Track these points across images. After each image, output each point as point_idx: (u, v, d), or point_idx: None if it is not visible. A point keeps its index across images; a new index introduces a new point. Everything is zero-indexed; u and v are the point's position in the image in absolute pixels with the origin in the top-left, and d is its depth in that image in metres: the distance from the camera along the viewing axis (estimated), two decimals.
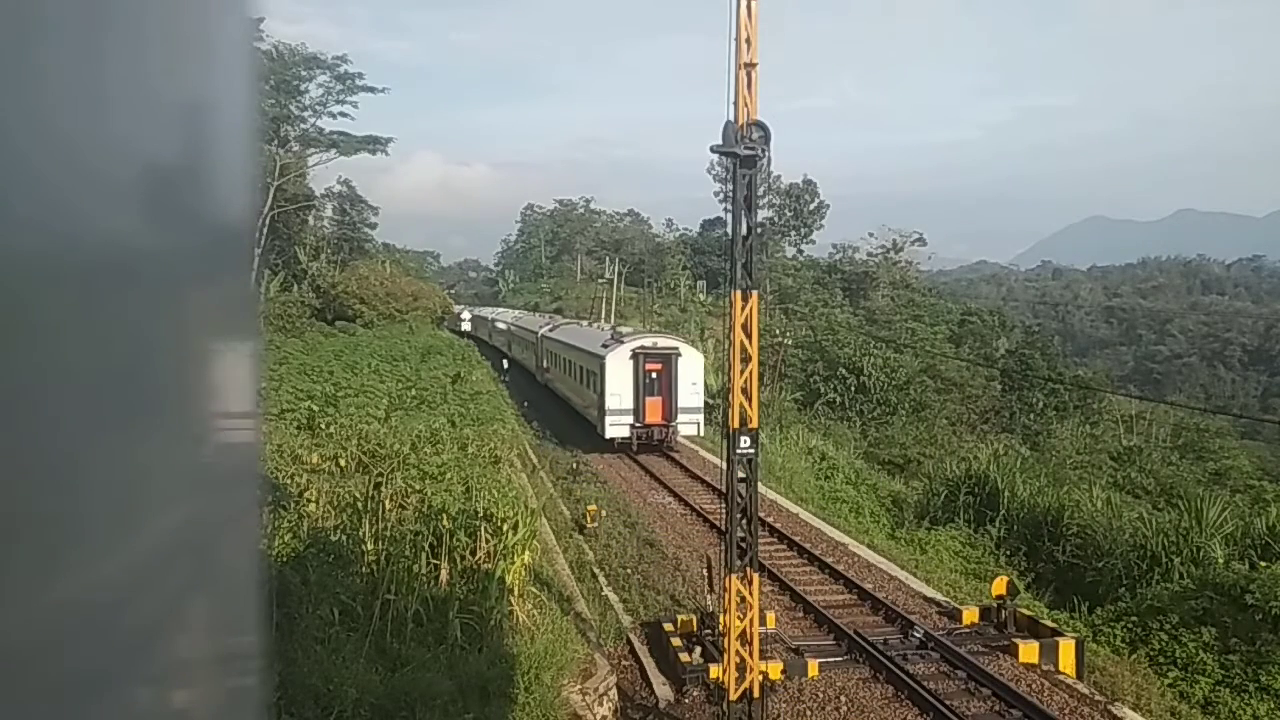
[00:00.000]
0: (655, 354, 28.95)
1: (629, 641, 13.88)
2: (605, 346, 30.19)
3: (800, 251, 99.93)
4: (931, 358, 49.66)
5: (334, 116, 55.32)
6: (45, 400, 0.74)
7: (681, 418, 28.25)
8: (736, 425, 10.54)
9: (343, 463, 15.81)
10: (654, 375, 28.54)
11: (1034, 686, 12.26)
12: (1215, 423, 48.29)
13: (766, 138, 9.95)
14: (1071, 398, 52.72)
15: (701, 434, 29.32)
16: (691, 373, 28.94)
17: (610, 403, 28.40)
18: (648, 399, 28.37)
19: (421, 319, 66.05)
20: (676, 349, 29.50)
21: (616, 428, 28.32)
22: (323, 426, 20.31)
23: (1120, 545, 19.89)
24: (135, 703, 0.94)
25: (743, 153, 9.94)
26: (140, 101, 0.92)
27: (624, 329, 36.79)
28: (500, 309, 77.50)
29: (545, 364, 40.40)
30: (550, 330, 42.00)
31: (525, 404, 37.65)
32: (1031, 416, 51.19)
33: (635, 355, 28.77)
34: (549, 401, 38.39)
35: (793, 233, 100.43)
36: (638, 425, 28.21)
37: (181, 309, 1.05)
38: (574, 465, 26.92)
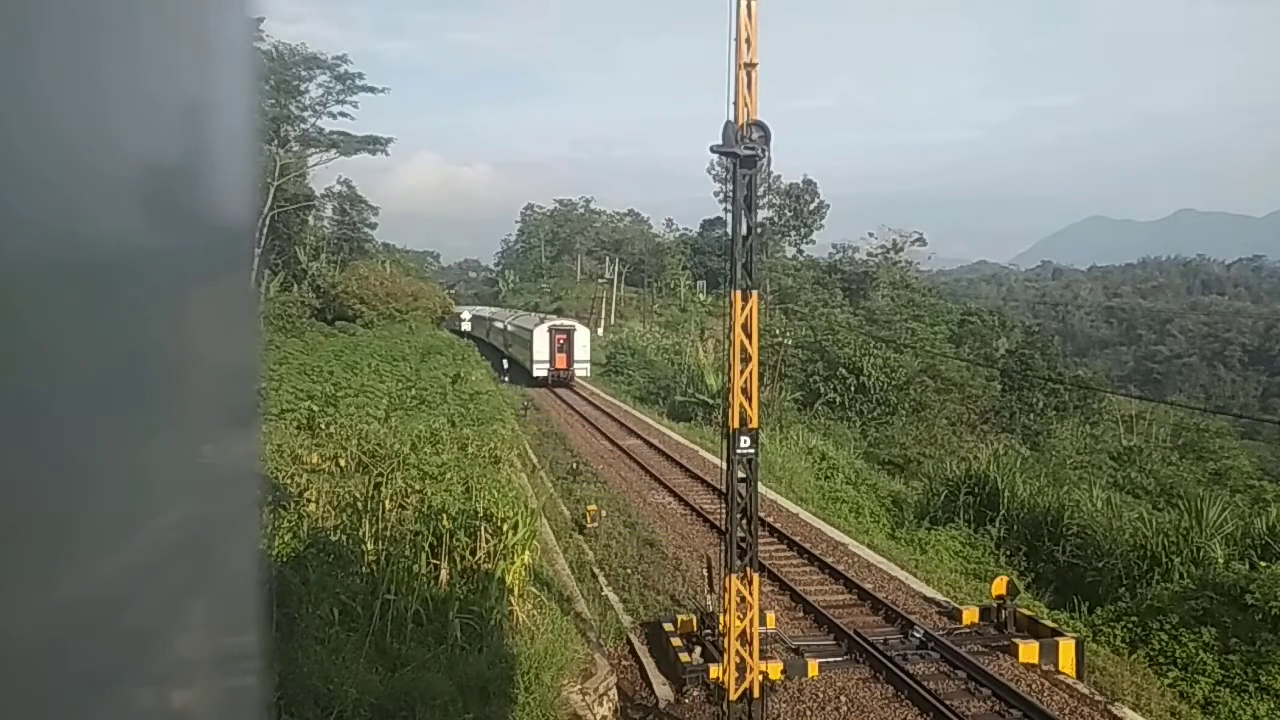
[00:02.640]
0: (562, 329, 49.85)
1: (629, 641, 13.88)
2: (535, 326, 50.84)
3: (800, 251, 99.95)
4: (931, 358, 49.60)
5: (334, 116, 55.40)
6: (44, 400, 0.74)
7: (577, 365, 48.77)
8: (736, 425, 10.54)
9: (343, 463, 15.80)
10: (561, 341, 48.65)
11: (1034, 686, 12.26)
12: (1215, 423, 48.24)
13: (766, 138, 9.95)
14: (1071, 398, 52.68)
15: (589, 375, 50.30)
16: (583, 339, 49.81)
17: (537, 356, 48.25)
18: (558, 354, 48.30)
19: (421, 319, 66.01)
20: (574, 326, 51.01)
21: (540, 371, 47.92)
22: (323, 426, 20.30)
23: (1120, 545, 19.87)
24: (135, 703, 0.94)
25: (743, 153, 9.94)
26: (139, 101, 0.92)
27: (550, 317, 58.27)
28: (492, 308, 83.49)
29: (507, 341, 58.27)
30: (511, 319, 61.79)
31: (491, 364, 53.07)
32: (1031, 416, 51.15)
33: (550, 330, 49.38)
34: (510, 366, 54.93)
35: (793, 233, 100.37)
36: (552, 369, 48.00)
37: (181, 309, 1.05)
38: (574, 465, 26.93)
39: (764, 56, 9.77)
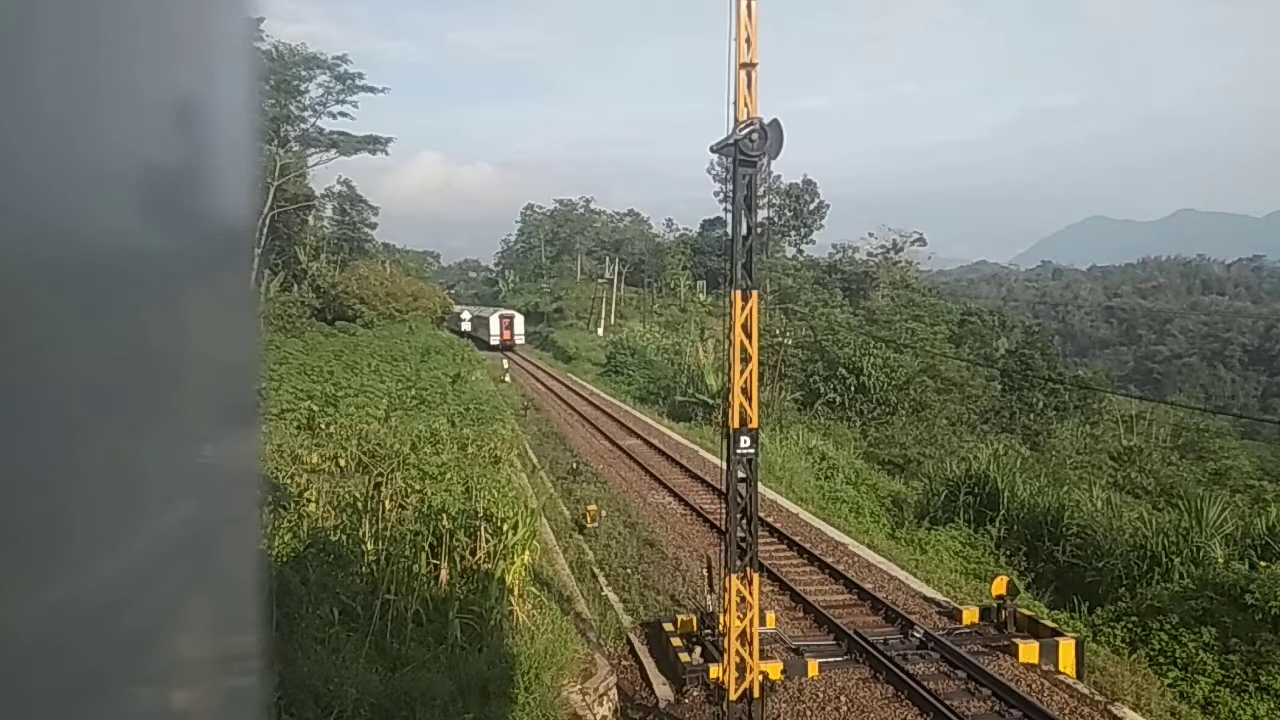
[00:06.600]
0: (506, 316, 77.92)
1: (629, 641, 13.88)
2: (490, 314, 79.13)
3: (800, 251, 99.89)
4: (931, 358, 49.53)
5: (334, 116, 55.36)
6: (44, 401, 0.74)
7: (517, 338, 75.96)
8: (736, 425, 10.53)
9: (343, 463, 15.82)
10: (506, 323, 76.42)
11: (1034, 686, 12.26)
12: (1215, 423, 48.26)
13: (765, 137, 9.95)
14: (1071, 398, 52.65)
15: (524, 344, 77.59)
16: (519, 321, 78.48)
17: (492, 331, 75.15)
18: (505, 331, 75.47)
19: (421, 319, 66.22)
20: (514, 314, 79.53)
21: (494, 341, 73.04)
22: (323, 426, 20.32)
23: (1120, 545, 19.86)
24: (135, 703, 0.94)
25: (750, 152, 9.93)
26: (139, 102, 0.92)
27: (500, 308, 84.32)
28: (483, 308, 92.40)
29: (476, 326, 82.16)
30: (479, 311, 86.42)
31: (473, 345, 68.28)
32: (1031, 416, 51.10)
33: (500, 316, 77.62)
34: (480, 342, 73.79)
35: (793, 233, 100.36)
36: (501, 340, 73.38)
37: (181, 309, 1.05)
38: (574, 465, 26.94)
39: (764, 56, 9.78)
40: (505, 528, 12.69)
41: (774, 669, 11.68)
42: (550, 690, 10.93)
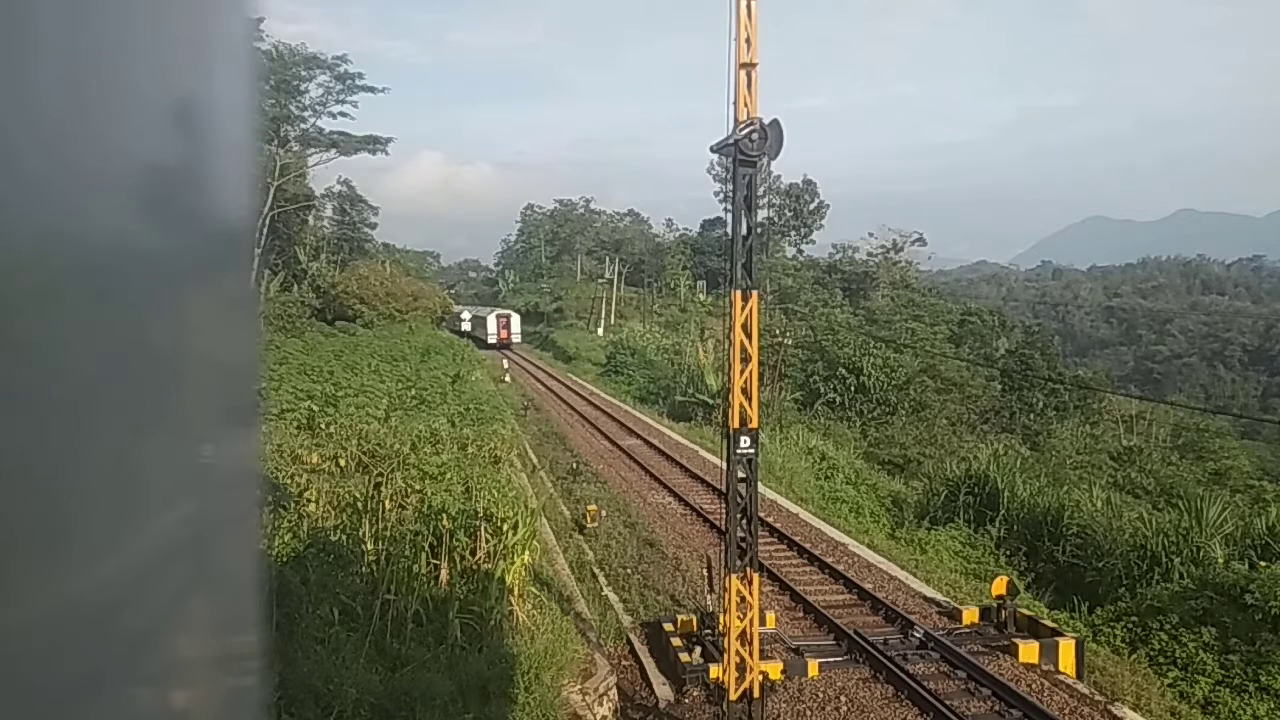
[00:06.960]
0: (503, 315, 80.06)
1: (629, 641, 13.88)
2: (488, 314, 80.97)
3: (800, 251, 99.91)
4: (931, 358, 49.48)
5: (334, 116, 55.36)
6: (45, 401, 0.74)
7: (513, 336, 77.79)
8: (736, 425, 10.53)
9: (343, 463, 15.81)
10: (503, 322, 78.60)
11: (1034, 686, 12.26)
12: (1215, 423, 48.24)
13: (765, 137, 9.95)
14: (1071, 398, 52.63)
15: (520, 340, 79.31)
16: (515, 320, 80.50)
17: (489, 329, 76.91)
18: (501, 330, 77.24)
19: (421, 319, 66.24)
20: (510, 314, 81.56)
21: (492, 340, 74.59)
22: (323, 426, 20.32)
23: (1120, 545, 19.86)
24: (135, 703, 0.94)
25: (750, 152, 9.93)
26: (139, 102, 0.92)
27: (498, 308, 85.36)
28: (482, 308, 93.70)
29: (474, 325, 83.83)
30: (477, 311, 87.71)
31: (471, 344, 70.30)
32: (1031, 416, 51.07)
33: (497, 316, 79.70)
34: (479, 341, 75.93)
35: (793, 233, 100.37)
36: (498, 339, 75.56)
37: (181, 309, 1.05)
38: (574, 465, 26.94)
39: (764, 56, 9.78)
40: (505, 528, 12.69)
41: (774, 669, 11.68)
42: (550, 690, 10.93)
